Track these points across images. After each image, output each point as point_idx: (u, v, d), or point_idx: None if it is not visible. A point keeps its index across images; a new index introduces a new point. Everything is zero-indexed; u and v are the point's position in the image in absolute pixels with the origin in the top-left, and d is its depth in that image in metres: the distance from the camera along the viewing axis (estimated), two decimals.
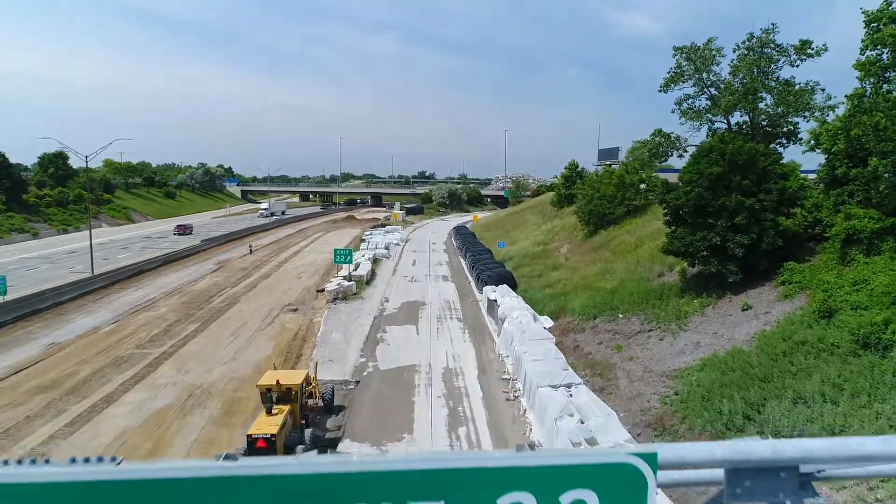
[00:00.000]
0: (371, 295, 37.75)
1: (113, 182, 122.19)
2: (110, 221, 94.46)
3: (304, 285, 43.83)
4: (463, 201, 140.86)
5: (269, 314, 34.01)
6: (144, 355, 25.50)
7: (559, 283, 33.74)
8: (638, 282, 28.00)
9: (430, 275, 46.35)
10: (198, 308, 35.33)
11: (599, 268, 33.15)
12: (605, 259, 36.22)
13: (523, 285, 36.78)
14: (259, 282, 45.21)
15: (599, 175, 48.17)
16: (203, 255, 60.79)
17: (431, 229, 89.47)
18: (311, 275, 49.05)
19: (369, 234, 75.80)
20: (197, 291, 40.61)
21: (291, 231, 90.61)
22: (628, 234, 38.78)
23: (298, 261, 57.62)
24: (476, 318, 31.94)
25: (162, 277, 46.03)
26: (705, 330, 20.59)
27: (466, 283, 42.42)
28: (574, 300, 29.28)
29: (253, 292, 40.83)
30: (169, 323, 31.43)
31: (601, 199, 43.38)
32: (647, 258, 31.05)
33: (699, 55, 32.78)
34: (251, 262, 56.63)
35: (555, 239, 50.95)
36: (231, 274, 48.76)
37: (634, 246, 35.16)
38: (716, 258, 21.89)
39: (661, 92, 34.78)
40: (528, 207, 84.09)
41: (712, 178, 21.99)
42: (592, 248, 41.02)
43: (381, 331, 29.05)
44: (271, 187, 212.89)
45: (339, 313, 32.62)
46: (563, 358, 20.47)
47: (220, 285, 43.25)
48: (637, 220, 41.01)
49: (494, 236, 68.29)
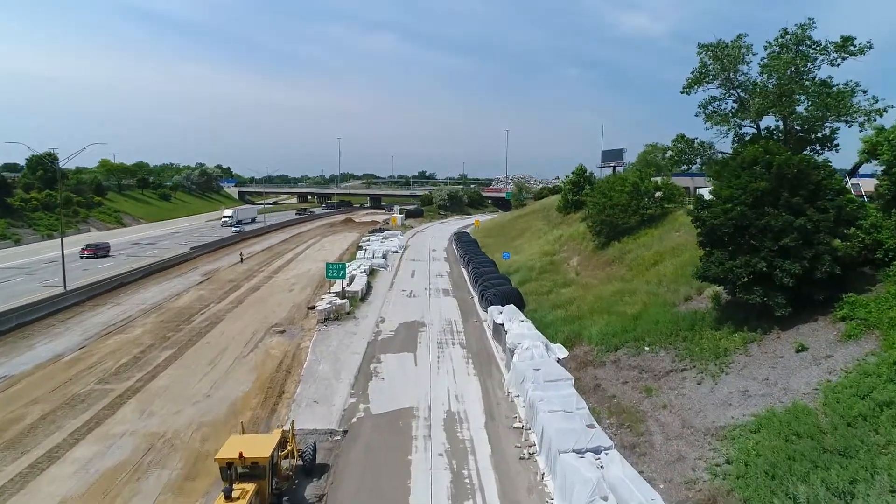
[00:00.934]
0: (366, 314, 34.71)
1: (105, 184, 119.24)
2: (100, 225, 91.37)
3: (294, 300, 40.82)
4: (464, 203, 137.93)
5: (254, 337, 30.99)
6: (105, 393, 22.47)
7: (572, 304, 30.69)
8: (663, 307, 24.95)
9: (430, 288, 43.32)
10: (176, 329, 32.30)
11: (616, 287, 30.10)
12: (620, 276, 33.17)
13: (531, 304, 33.75)
14: (247, 296, 42.19)
15: (611, 181, 45.14)
16: (192, 263, 57.76)
17: (432, 234, 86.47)
18: (304, 287, 46.04)
19: (367, 240, 72.79)
20: (178, 308, 37.56)
21: (286, 236, 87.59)
22: (645, 248, 35.74)
23: (291, 270, 54.60)
24: (481, 342, 28.92)
25: (142, 291, 42.98)
26: (753, 374, 17.55)
27: (469, 299, 39.40)
28: (590, 326, 26.24)
29: (239, 309, 37.80)
30: (141, 349, 28.40)
31: (613, 209, 40.34)
32: (671, 277, 28.02)
33: (726, 53, 29.75)
34: (241, 271, 53.61)
35: (562, 249, 47.91)
36: (218, 286, 45.73)
37: (653, 262, 32.14)
38: (760, 287, 18.86)
39: (684, 93, 31.81)
40: (532, 212, 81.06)
41: (757, 195, 18.96)
42: (605, 262, 37.98)
43: (374, 360, 26.01)
44: (269, 188, 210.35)
45: (329, 337, 29.58)
46: (586, 408, 17.45)
47: (204, 300, 40.21)
48: (653, 232, 37.98)
49: (497, 244, 65.28)
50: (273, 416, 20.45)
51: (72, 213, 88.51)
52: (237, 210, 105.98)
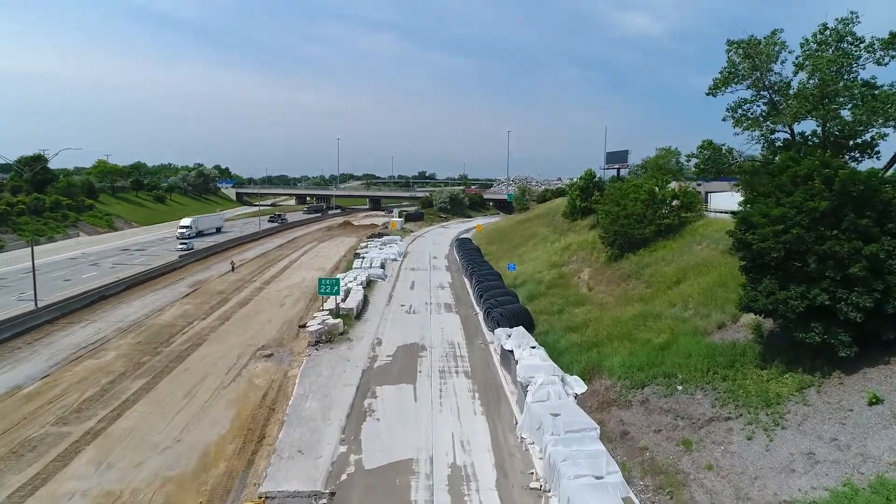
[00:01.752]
0: (361, 334, 31.89)
1: (98, 186, 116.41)
2: (90, 230, 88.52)
3: (285, 316, 38.04)
4: (465, 206, 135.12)
5: (238, 362, 28.20)
6: (61, 437, 19.68)
7: (587, 327, 27.88)
8: (693, 335, 22.16)
9: (431, 303, 40.50)
10: (153, 352, 29.50)
11: (637, 309, 27.28)
12: (639, 294, 30.38)
13: (541, 325, 30.97)
14: (235, 311, 39.38)
15: (623, 188, 42.33)
16: (180, 272, 54.95)
17: (432, 239, 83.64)
18: (296, 300, 43.23)
19: (364, 246, 69.96)
20: (159, 326, 34.76)
21: (282, 241, 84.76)
22: (664, 262, 32.97)
23: (284, 281, 51.78)
24: (487, 371, 26.12)
25: (123, 306, 40.17)
26: (817, 431, 14.77)
27: (473, 316, 36.59)
28: (611, 355, 23.45)
29: (225, 327, 35.01)
30: (111, 378, 25.60)
31: (628, 218, 37.54)
32: (699, 300, 25.22)
33: (759, 51, 26.95)
34: (231, 281, 50.81)
35: (571, 259, 45.10)
36: (205, 300, 42.92)
37: (675, 279, 29.34)
38: (819, 322, 16.07)
39: (710, 95, 28.98)
40: (536, 217, 78.26)
41: (816, 216, 16.17)
42: (620, 277, 35.17)
43: (369, 394, 23.21)
44: (267, 189, 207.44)
45: (320, 364, 26.77)
46: (618, 472, 14.68)
47: (188, 316, 37.41)
48: (671, 244, 35.20)
49: (501, 251, 62.50)
50: (250, 470, 17.67)
51: (60, 217, 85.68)
52: (198, 219, 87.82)
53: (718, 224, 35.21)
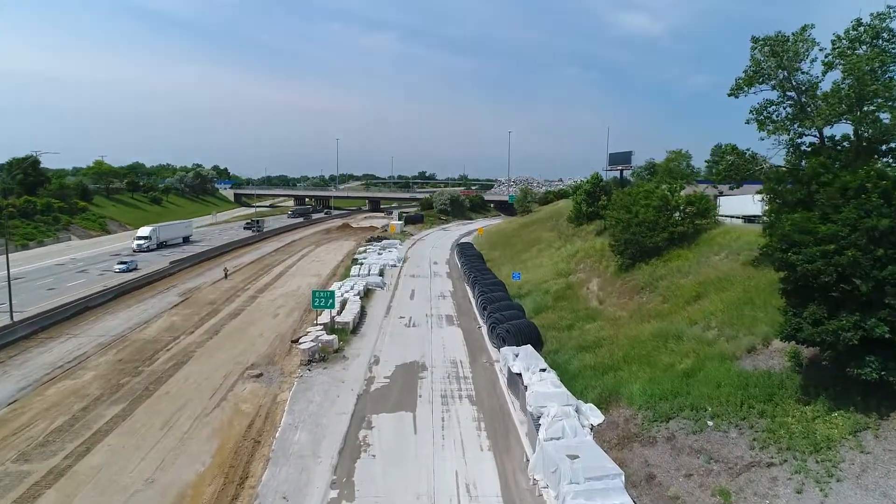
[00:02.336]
0: (357, 351, 29.87)
1: (92, 187, 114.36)
2: (82, 233, 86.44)
3: (278, 328, 36.02)
4: (465, 208, 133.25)
5: (224, 383, 26.18)
6: (20, 478, 17.66)
7: (600, 347, 25.87)
8: (721, 361, 20.15)
9: (432, 314, 38.47)
10: (133, 372, 27.49)
11: (654, 327, 25.25)
12: (655, 309, 28.36)
13: (550, 342, 28.96)
14: (225, 323, 37.36)
15: (633, 193, 40.30)
16: (171, 280, 52.91)
17: (432, 243, 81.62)
18: (290, 311, 41.22)
19: (363, 251, 67.98)
20: (142, 342, 32.73)
21: (278, 244, 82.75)
22: (680, 274, 30.95)
23: (278, 289, 49.76)
24: (493, 396, 24.10)
25: (108, 318, 38.14)
26: (881, 487, 12.77)
27: (476, 329, 34.58)
28: (629, 381, 21.44)
29: (213, 342, 32.98)
30: (85, 403, 23.58)
31: (640, 226, 35.52)
32: (723, 318, 23.22)
33: (786, 49, 24.94)
34: (224, 290, 48.78)
35: (579, 268, 43.07)
36: (194, 310, 40.89)
37: (694, 294, 27.32)
38: (877, 356, 14.07)
39: (732, 96, 26.99)
40: (539, 220, 76.23)
41: (874, 235, 14.18)
42: (632, 288, 33.16)
43: (364, 424, 21.19)
44: (266, 190, 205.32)
45: (311, 388, 24.74)
46: None
47: (175, 330, 35.38)
48: (687, 254, 33.19)
49: (504, 257, 60.48)
50: None
51: (51, 220, 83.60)
52: (159, 228, 74.20)
53: (736, 232, 33.25)
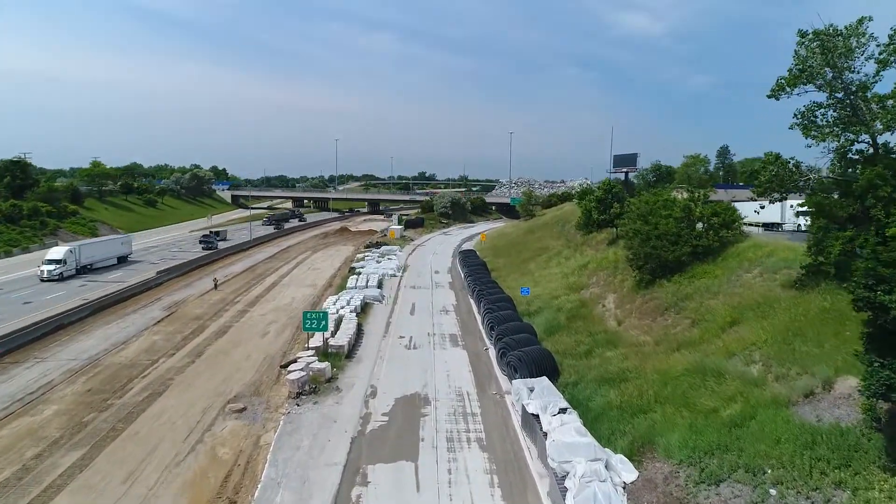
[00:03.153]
0: (352, 381, 26.93)
1: (84, 189, 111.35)
2: (70, 238, 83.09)
3: (267, 350, 33.12)
4: (467, 210, 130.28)
5: (202, 420, 23.27)
6: None
7: (626, 380, 22.91)
8: (775, 408, 17.25)
9: (434, 333, 35.55)
10: (101, 406, 24.57)
11: (688, 361, 22.27)
12: (684, 336, 25.44)
13: (567, 371, 26.04)
14: (210, 343, 34.46)
15: (650, 202, 37.40)
16: (157, 291, 49.98)
17: (433, 249, 78.66)
18: (282, 328, 38.34)
19: (361, 258, 65.05)
20: (117, 367, 29.82)
21: (274, 250, 79.84)
22: (709, 294, 28.04)
23: (271, 301, 46.85)
24: (506, 437, 21.17)
25: (83, 337, 35.20)
26: None
27: (483, 352, 31.66)
28: (665, 427, 18.53)
29: (195, 367, 30.07)
30: (39, 449, 20.67)
31: (661, 239, 32.64)
32: (768, 351, 20.33)
33: (837, 45, 22.03)
34: (212, 303, 45.87)
35: (592, 281, 40.15)
36: (178, 327, 37.98)
37: (729, 319, 24.40)
38: None
39: (772, 98, 24.06)
40: (545, 226, 73.29)
41: None
42: (655, 308, 30.26)
43: (358, 478, 18.26)
44: (264, 191, 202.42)
45: (299, 429, 21.80)
46: None
47: (154, 352, 32.47)
48: (714, 270, 30.27)
49: (509, 266, 57.53)
50: None
51: (38, 225, 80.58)
52: (80, 248, 55.32)
53: (768, 247, 30.30)
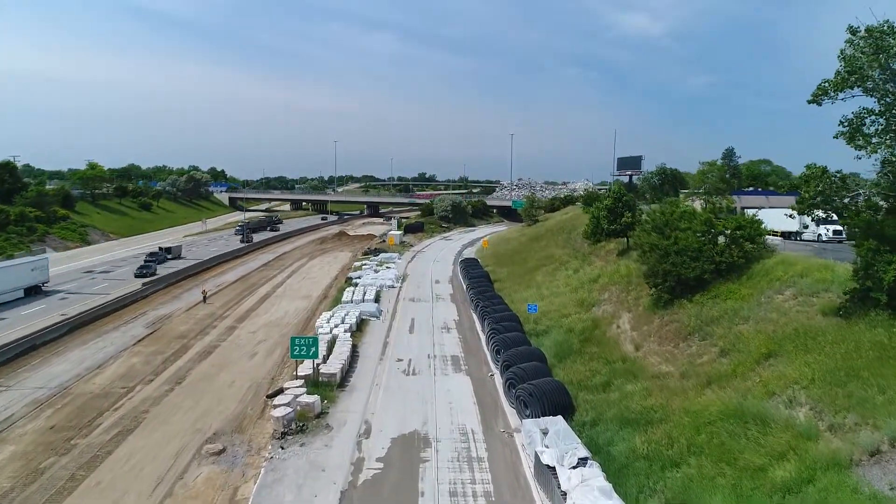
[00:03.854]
0: (344, 416, 24.31)
1: (76, 194, 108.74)
2: (59, 245, 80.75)
3: (254, 375, 30.57)
4: (467, 214, 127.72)
5: (174, 466, 20.68)
6: None
7: (650, 422, 20.29)
8: (836, 470, 14.66)
9: (435, 355, 32.97)
10: (62, 448, 21.98)
11: (722, 400, 19.63)
12: (714, 368, 22.82)
13: (583, 408, 23.41)
14: (192, 367, 31.89)
15: (666, 213, 34.82)
16: (141, 305, 47.41)
17: (433, 256, 76.08)
18: (272, 348, 35.81)
19: (359, 266, 62.48)
20: (88, 396, 27.25)
21: (269, 257, 77.30)
22: (739, 318, 25.39)
23: (262, 316, 44.30)
24: (518, 492, 18.58)
25: (55, 360, 32.62)
26: None
27: (488, 379, 29.09)
28: (703, 487, 15.94)
29: (173, 397, 27.49)
30: None
31: (680, 255, 30.05)
32: (816, 392, 17.73)
33: (889, 44, 19.44)
34: (199, 318, 43.30)
35: (603, 297, 37.55)
36: (160, 347, 35.41)
37: (765, 350, 21.77)
38: None
39: (813, 103, 21.45)
40: (549, 232, 70.68)
41: None
42: (676, 333, 27.66)
43: None
44: (262, 194, 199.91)
45: (282, 480, 19.18)
46: None
47: (130, 378, 29.90)
48: (740, 290, 27.65)
49: (513, 277, 54.93)
50: None
51: (25, 230, 77.99)
52: None
53: (799, 265, 27.62)
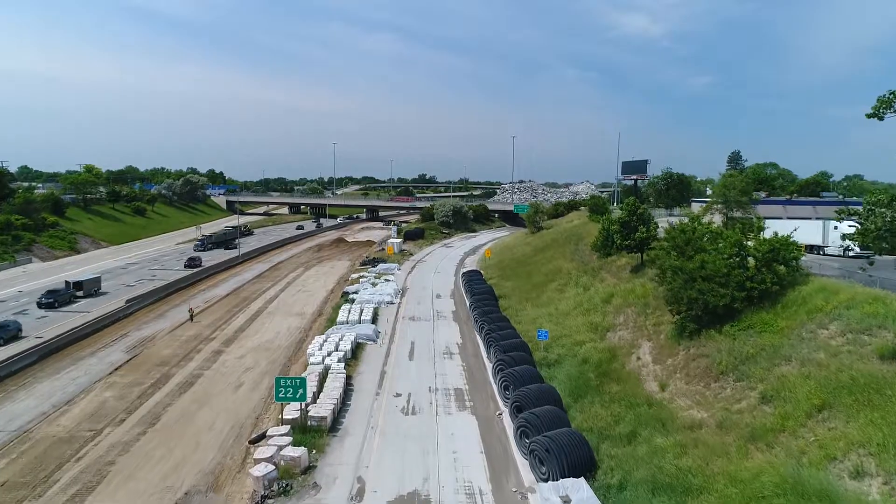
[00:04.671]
0: (334, 471, 21.42)
1: (67, 199, 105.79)
2: (47, 254, 77.87)
3: (237, 413, 27.71)
4: (469, 219, 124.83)
5: None
6: None
7: (689, 494, 17.34)
8: None
9: (437, 388, 30.10)
10: None
11: (774, 470, 16.76)
12: (757, 418, 19.94)
13: (607, 465, 20.50)
14: (171, 402, 29.05)
15: (686, 230, 31.95)
16: (124, 325, 44.47)
17: (434, 266, 73.16)
18: (260, 377, 32.95)
19: (356, 278, 59.60)
20: (49, 443, 24.38)
21: (264, 267, 74.43)
22: (778, 357, 22.48)
23: (252, 337, 41.45)
24: None
25: (20, 395, 29.71)
26: None
27: (497, 420, 26.22)
28: None
29: (144, 442, 24.62)
30: None
31: (707, 281, 27.16)
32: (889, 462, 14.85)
33: None
34: (184, 340, 40.45)
35: (619, 320, 34.67)
36: (139, 377, 32.57)
37: (818, 402, 18.88)
38: None
39: (874, 117, 18.64)
40: (554, 242, 67.77)
41: None
42: (706, 370, 24.79)
43: None
44: (258, 197, 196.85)
45: None
46: None
47: (100, 418, 27.05)
48: (774, 320, 24.78)
49: (519, 291, 52.01)
50: None
51: (10, 239, 75.06)
52: None
53: (844, 294, 24.58)
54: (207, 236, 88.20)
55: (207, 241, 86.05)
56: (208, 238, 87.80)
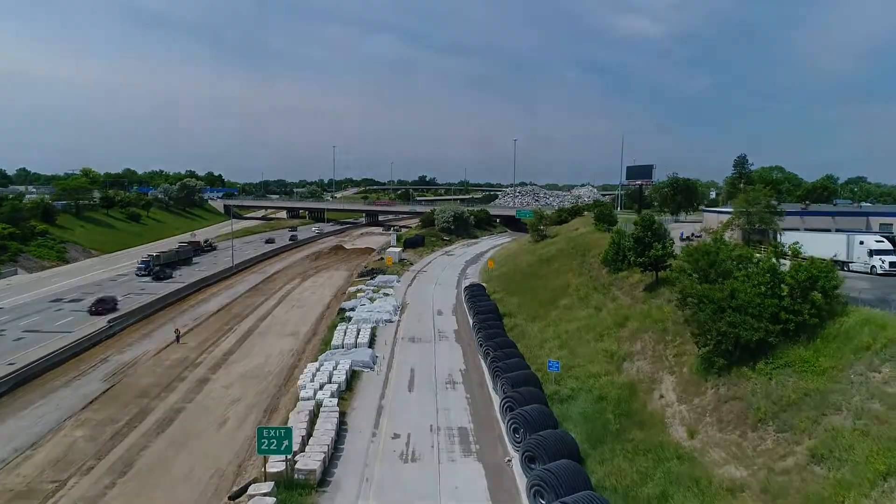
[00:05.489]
0: None
1: (59, 205, 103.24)
2: (34, 264, 75.26)
3: (218, 458, 25.07)
4: (470, 225, 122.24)
5: None
6: None
7: None
8: None
9: (440, 428, 27.45)
10: None
11: None
12: (808, 482, 17.30)
13: None
14: (147, 443, 26.43)
15: (711, 252, 29.29)
16: (105, 347, 41.83)
17: (435, 277, 70.45)
18: (246, 412, 30.33)
19: (354, 292, 56.92)
20: (4, 499, 21.75)
21: (259, 278, 71.82)
22: (826, 406, 19.84)
23: (241, 362, 38.83)
24: None
25: None
26: None
27: (506, 469, 23.57)
28: None
29: (110, 498, 21.97)
30: None
31: (739, 312, 24.49)
32: None
33: None
34: (168, 365, 37.84)
35: (636, 348, 31.99)
36: (114, 413, 29.95)
37: (883, 467, 16.22)
38: None
39: None
40: (560, 253, 65.03)
41: None
42: (743, 417, 22.12)
43: None
44: (256, 201, 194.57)
45: None
46: None
47: (65, 465, 24.39)
48: (815, 359, 22.07)
49: (525, 309, 49.29)
50: None
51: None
52: None
53: (893, 328, 21.99)
54: (155, 256, 71.39)
55: (153, 263, 69.02)
56: (155, 258, 70.55)
